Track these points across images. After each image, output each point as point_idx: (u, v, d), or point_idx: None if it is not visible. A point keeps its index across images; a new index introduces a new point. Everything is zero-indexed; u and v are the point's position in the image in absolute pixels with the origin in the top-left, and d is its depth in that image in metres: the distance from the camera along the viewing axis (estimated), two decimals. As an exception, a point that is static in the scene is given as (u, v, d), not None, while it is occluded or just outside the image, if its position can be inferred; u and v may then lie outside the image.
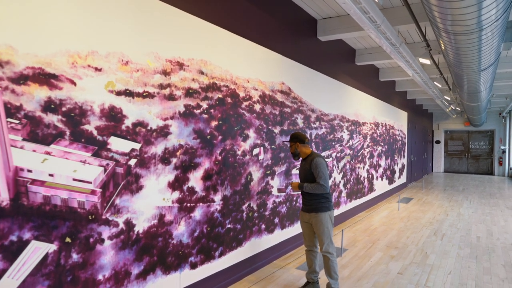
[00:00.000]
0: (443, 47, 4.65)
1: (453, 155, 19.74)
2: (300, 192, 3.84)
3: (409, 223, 6.97)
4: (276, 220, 4.64)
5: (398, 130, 11.34)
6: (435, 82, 8.79)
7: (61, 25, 2.25)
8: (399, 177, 11.53)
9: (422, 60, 5.91)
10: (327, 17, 5.69)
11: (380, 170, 9.46)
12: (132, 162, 2.72)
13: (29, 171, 2.11)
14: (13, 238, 2.04)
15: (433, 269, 4.42)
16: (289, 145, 3.83)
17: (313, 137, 5.59)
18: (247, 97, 4.02)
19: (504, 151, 18.06)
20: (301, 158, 3.70)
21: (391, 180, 10.55)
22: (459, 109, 14.73)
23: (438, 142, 19.74)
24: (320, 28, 5.76)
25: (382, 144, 9.57)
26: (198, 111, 3.33)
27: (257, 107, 4.20)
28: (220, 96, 3.61)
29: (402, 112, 11.94)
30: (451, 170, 19.75)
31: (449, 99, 11.94)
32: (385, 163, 9.91)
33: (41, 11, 2.15)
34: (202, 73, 3.37)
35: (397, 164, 11.29)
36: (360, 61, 7.58)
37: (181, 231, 3.16)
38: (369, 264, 4.57)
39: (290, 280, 4.03)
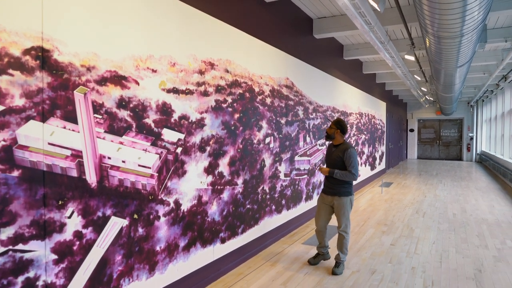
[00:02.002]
0: (427, 45, 5.27)
1: (425, 142, 20.94)
2: (324, 176, 4.13)
3: (393, 204, 7.70)
4: (283, 202, 5.18)
5: (379, 120, 12.10)
6: (414, 75, 9.52)
7: (128, 35, 2.64)
8: (379, 164, 12.34)
9: (407, 56, 6.54)
10: (322, 16, 6.20)
11: (364, 157, 10.17)
12: (179, 150, 3.15)
13: (109, 158, 2.52)
14: (100, 214, 2.46)
15: (420, 240, 5.09)
16: (330, 126, 3.95)
17: (311, 127, 6.14)
18: (260, 91, 4.49)
19: (472, 138, 19.38)
20: (330, 143, 4.03)
21: (372, 166, 11.32)
22: (432, 99, 15.71)
23: (412, 130, 20.87)
24: (316, 27, 6.27)
25: (366, 133, 10.27)
26: (225, 105, 3.78)
27: (268, 100, 4.68)
28: (241, 91, 4.07)
29: (382, 103, 12.71)
30: (424, 156, 20.97)
31: (425, 90, 12.79)
32: (368, 150, 10.64)
33: (115, 24, 2.53)
34: (227, 71, 3.81)
35: (378, 151, 12.07)
36: (347, 56, 8.17)
37: (213, 210, 3.63)
38: (364, 238, 5.20)
39: (299, 253, 4.58)
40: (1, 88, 1.90)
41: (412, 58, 6.65)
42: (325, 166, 4.24)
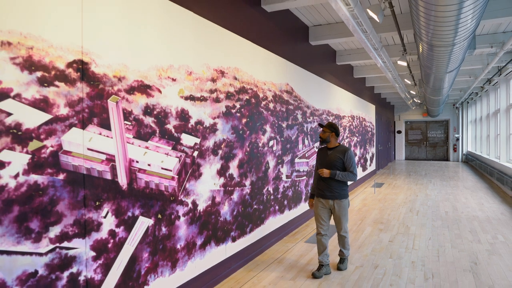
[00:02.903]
0: (420, 51, 5.57)
1: (413, 143, 21.46)
2: (317, 180, 4.04)
3: (386, 204, 7.99)
4: (285, 202, 5.40)
5: (369, 122, 12.45)
6: (405, 79, 9.88)
7: (152, 47, 2.84)
8: (370, 165, 12.68)
9: (400, 62, 6.86)
10: (318, 24, 6.47)
11: (356, 159, 10.47)
12: (195, 153, 3.35)
13: (137, 161, 2.70)
14: (129, 214, 2.64)
15: (416, 237, 5.37)
16: (322, 130, 3.99)
17: (308, 130, 6.38)
18: (264, 97, 4.71)
19: (457, 139, 19.97)
20: (325, 146, 4.04)
21: (364, 167, 11.64)
22: (419, 101, 16.18)
23: (399, 132, 21.37)
24: (312, 34, 6.54)
25: (357, 135, 10.59)
26: (234, 110, 3.99)
27: (271, 105, 4.91)
28: (247, 97, 4.28)
29: (371, 105, 13.08)
30: (412, 157, 21.48)
31: (413, 93, 13.22)
32: (359, 152, 10.96)
33: (141, 37, 2.73)
34: (235, 78, 4.03)
35: (368, 153, 12.42)
36: (340, 61, 8.47)
37: (225, 210, 3.83)
38: (363, 236, 5.45)
39: (303, 251, 4.80)
40: (49, 98, 2.07)
41: (404, 63, 6.98)
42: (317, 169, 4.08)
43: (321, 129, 4.56)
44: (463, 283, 3.73)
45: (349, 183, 9.34)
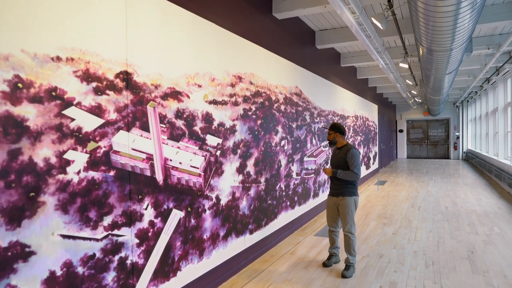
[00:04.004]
0: (420, 54, 5.90)
1: (414, 142, 21.78)
2: (328, 177, 4.29)
3: (389, 200, 8.32)
4: (296, 198, 5.73)
5: (372, 122, 12.77)
6: (406, 80, 10.20)
7: (182, 57, 3.17)
8: (373, 163, 13.00)
9: (401, 64, 7.19)
10: (324, 29, 6.79)
11: (359, 157, 10.79)
12: (218, 153, 3.67)
13: (170, 160, 3.03)
14: (165, 206, 2.96)
15: (418, 230, 5.69)
16: (328, 133, 4.09)
17: (316, 130, 6.71)
18: (276, 100, 5.04)
19: (458, 137, 20.28)
20: (335, 147, 4.20)
21: (367, 166, 11.96)
22: (420, 100, 16.50)
23: (401, 131, 21.68)
24: (318, 38, 6.87)
25: (361, 134, 10.91)
26: (250, 113, 4.31)
27: (282, 107, 5.24)
28: (262, 100, 4.61)
29: (374, 105, 13.40)
30: (413, 156, 21.80)
31: (415, 93, 13.53)
32: (363, 151, 11.28)
33: (173, 49, 3.06)
34: (251, 83, 4.35)
35: (372, 151, 12.74)
36: (344, 63, 8.80)
37: (244, 205, 4.16)
38: (369, 229, 5.78)
39: (313, 243, 5.13)
40: (102, 105, 2.40)
41: (406, 66, 7.30)
42: (328, 167, 4.28)
43: (326, 131, 4.71)
44: (460, 269, 4.06)
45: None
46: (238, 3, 4.16)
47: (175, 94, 3.08)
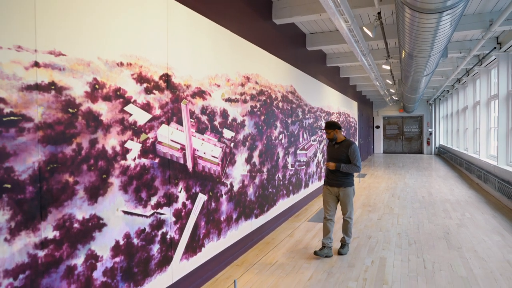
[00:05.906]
0: (402, 57, 6.54)
1: (390, 138, 22.84)
2: (327, 170, 4.47)
3: (371, 191, 9.01)
4: (291, 188, 6.27)
5: (352, 118, 13.50)
6: (386, 79, 10.93)
7: (206, 61, 3.62)
8: (353, 157, 13.73)
9: (384, 66, 7.85)
10: (314, 32, 7.35)
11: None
12: (232, 145, 4.15)
13: (197, 150, 3.49)
14: (194, 190, 3.42)
15: (399, 216, 6.36)
16: (326, 132, 4.37)
17: (306, 125, 7.27)
18: (275, 98, 5.55)
19: (431, 133, 21.45)
20: (334, 142, 4.47)
21: (349, 160, 12.66)
22: (396, 98, 17.42)
23: (378, 127, 22.68)
24: (308, 41, 7.42)
25: (344, 130, 11.58)
26: (255, 109, 4.80)
27: (280, 104, 5.75)
28: (264, 98, 5.10)
29: (354, 102, 14.13)
30: (389, 151, 22.87)
31: (393, 91, 14.36)
32: (345, 145, 11.96)
33: (199, 55, 3.51)
34: (256, 83, 4.84)
35: (352, 146, 13.46)
36: (329, 63, 9.40)
37: (250, 192, 4.65)
38: (356, 215, 6.40)
39: (308, 227, 5.69)
40: (150, 103, 2.84)
41: (388, 67, 7.96)
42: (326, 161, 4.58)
43: (324, 130, 4.83)
44: (438, 246, 4.72)
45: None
46: (244, 10, 4.63)
47: (200, 93, 3.54)
